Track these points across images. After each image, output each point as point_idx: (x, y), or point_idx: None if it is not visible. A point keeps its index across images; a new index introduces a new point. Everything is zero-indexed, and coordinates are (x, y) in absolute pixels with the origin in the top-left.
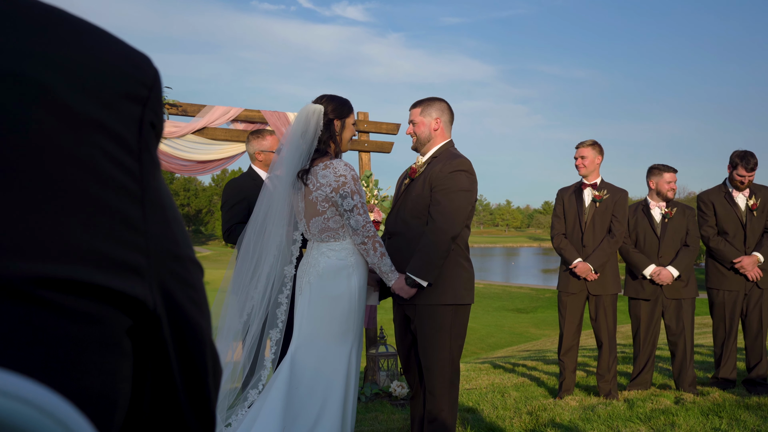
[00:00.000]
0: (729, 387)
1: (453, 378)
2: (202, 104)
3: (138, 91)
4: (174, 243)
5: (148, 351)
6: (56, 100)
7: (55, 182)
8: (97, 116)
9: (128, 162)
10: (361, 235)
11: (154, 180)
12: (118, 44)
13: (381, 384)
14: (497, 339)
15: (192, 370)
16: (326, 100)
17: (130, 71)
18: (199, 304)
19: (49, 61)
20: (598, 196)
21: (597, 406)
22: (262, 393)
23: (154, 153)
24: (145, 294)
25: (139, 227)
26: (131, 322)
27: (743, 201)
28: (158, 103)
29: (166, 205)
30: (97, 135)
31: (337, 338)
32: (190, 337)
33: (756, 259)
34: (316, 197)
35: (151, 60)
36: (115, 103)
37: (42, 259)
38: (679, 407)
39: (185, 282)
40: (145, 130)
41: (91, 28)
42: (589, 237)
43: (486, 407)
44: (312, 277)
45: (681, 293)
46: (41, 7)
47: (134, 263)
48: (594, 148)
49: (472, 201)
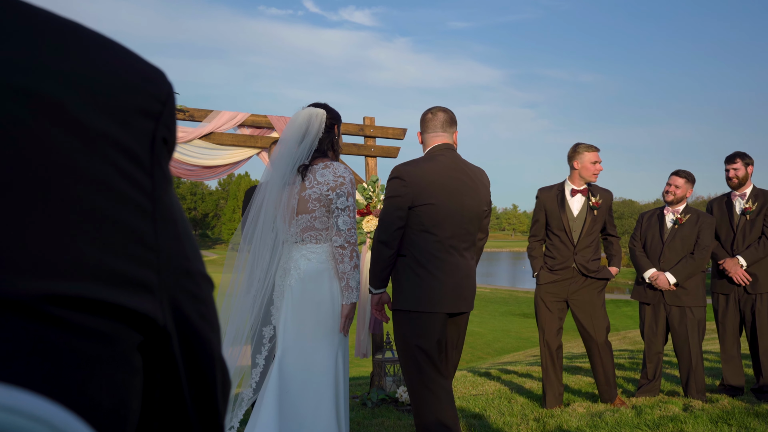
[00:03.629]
0: (737, 394)
1: (413, 384)
2: (210, 109)
3: (151, 106)
4: (185, 258)
5: (158, 366)
6: (69, 115)
7: (66, 199)
8: (109, 132)
9: (140, 178)
10: (344, 238)
11: (166, 195)
12: (132, 58)
13: (387, 389)
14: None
15: (201, 384)
16: (325, 106)
17: (144, 86)
18: (209, 319)
19: (62, 76)
20: (596, 203)
21: (605, 413)
22: (257, 402)
23: (166, 168)
24: (155, 310)
25: (150, 243)
26: (142, 338)
27: (740, 205)
28: (171, 118)
29: (178, 220)
30: (109, 151)
31: (323, 341)
32: (199, 352)
33: (736, 262)
34: (309, 195)
35: (165, 74)
36: (128, 118)
37: (53, 277)
38: (688, 414)
39: (195, 297)
40: (158, 145)
41: (105, 42)
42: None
43: (493, 413)
44: (293, 280)
45: (682, 300)
46: (56, 21)
47: (145, 280)
48: None
49: (401, 206)
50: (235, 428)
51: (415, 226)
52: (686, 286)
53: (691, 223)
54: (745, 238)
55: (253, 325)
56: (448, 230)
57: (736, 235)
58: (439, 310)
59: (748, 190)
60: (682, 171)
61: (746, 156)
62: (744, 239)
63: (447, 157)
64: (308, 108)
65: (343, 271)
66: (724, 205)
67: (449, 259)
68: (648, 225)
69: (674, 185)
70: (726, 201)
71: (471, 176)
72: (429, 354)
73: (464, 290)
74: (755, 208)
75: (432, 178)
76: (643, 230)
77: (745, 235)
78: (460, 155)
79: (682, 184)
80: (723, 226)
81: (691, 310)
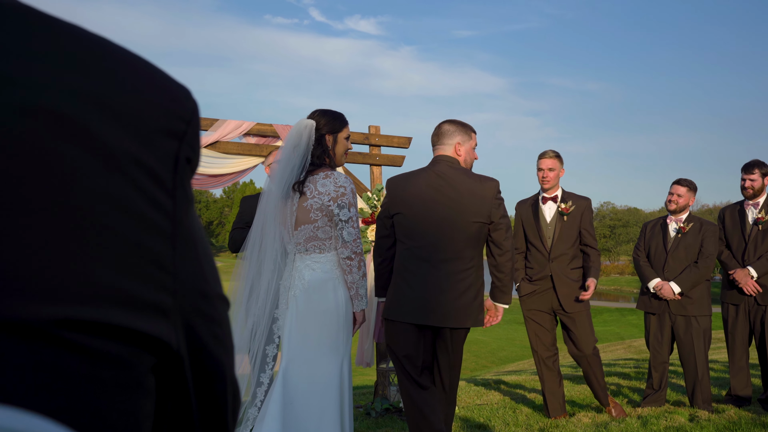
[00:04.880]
0: (744, 404)
1: (400, 388)
2: (215, 118)
3: (176, 126)
4: (203, 280)
5: (169, 387)
6: (90, 135)
7: (84, 220)
8: (132, 152)
9: (161, 199)
10: (350, 249)
11: (187, 216)
12: (158, 76)
13: (391, 399)
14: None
15: (212, 406)
16: (318, 114)
17: (169, 105)
18: (223, 341)
19: (85, 95)
20: (566, 210)
21: (610, 423)
22: (260, 414)
23: (188, 188)
24: (169, 334)
25: (168, 266)
26: (155, 360)
27: (753, 214)
28: (195, 137)
29: (198, 241)
30: (130, 171)
31: (327, 351)
32: (211, 374)
33: (747, 272)
34: (311, 205)
35: (190, 92)
36: (151, 138)
37: (67, 301)
38: (694, 425)
39: (211, 319)
40: (181, 165)
41: (130, 59)
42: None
43: (497, 423)
44: (298, 290)
45: (687, 310)
46: (79, 36)
47: (161, 303)
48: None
49: (382, 216)
50: None
51: (397, 236)
52: (691, 295)
53: (695, 232)
54: (756, 249)
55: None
56: (417, 240)
57: (748, 244)
58: (405, 320)
59: (761, 199)
60: (684, 180)
61: (764, 166)
62: (756, 249)
63: (436, 167)
64: (300, 121)
65: (352, 281)
66: (737, 213)
67: (418, 270)
68: (651, 234)
69: (676, 194)
70: (739, 210)
71: (458, 187)
72: (402, 362)
73: (436, 304)
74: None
75: (411, 188)
76: (647, 240)
77: (756, 246)
78: (455, 166)
79: (684, 192)
80: (735, 236)
81: (696, 319)
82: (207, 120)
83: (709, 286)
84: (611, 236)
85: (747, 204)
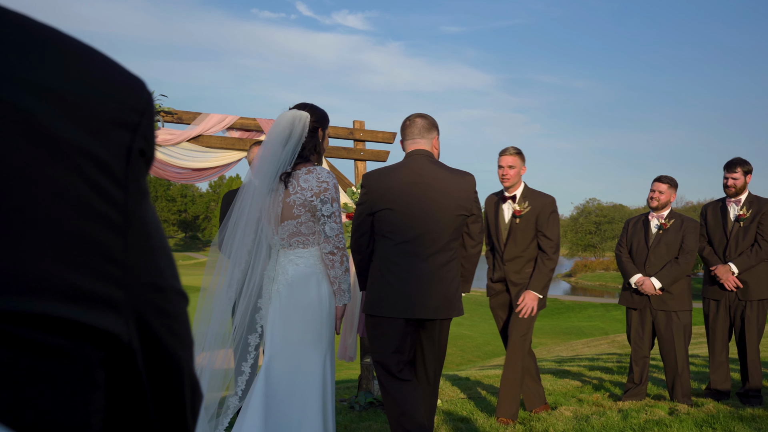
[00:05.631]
0: (723, 398)
1: (380, 383)
2: (199, 112)
3: (128, 117)
4: (157, 274)
5: (123, 381)
6: (37, 125)
7: (30, 212)
8: (82, 144)
9: (113, 191)
10: (332, 244)
11: (140, 208)
12: (110, 67)
13: (375, 393)
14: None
15: (169, 400)
16: (310, 108)
17: (121, 96)
18: (180, 335)
19: (33, 85)
20: (518, 212)
21: (591, 416)
22: (243, 407)
23: (142, 181)
24: (119, 328)
25: (118, 259)
26: (104, 354)
27: (735, 211)
28: (149, 129)
29: (152, 234)
30: (79, 163)
31: (310, 346)
32: (167, 368)
33: (728, 268)
34: (294, 200)
35: (144, 84)
36: (103, 129)
37: (10, 293)
38: (673, 418)
39: (166, 313)
40: (134, 157)
41: (82, 49)
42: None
43: (479, 417)
44: (281, 285)
45: (668, 305)
46: (31, 27)
47: (110, 297)
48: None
49: (361, 212)
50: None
51: (378, 231)
52: (672, 290)
53: (676, 228)
54: (738, 245)
55: (237, 329)
56: (406, 235)
57: (729, 241)
58: (394, 314)
59: (743, 196)
60: (665, 177)
61: (746, 164)
62: (737, 246)
63: (416, 162)
64: (292, 110)
65: (334, 276)
66: (719, 210)
67: (407, 264)
68: (634, 231)
69: (658, 191)
70: (721, 207)
71: (441, 181)
72: (384, 357)
73: (426, 297)
74: (749, 215)
75: (393, 184)
76: (629, 236)
77: (738, 242)
78: (433, 160)
79: (665, 189)
80: (717, 232)
81: (677, 314)
82: (190, 114)
83: (689, 282)
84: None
85: (729, 201)
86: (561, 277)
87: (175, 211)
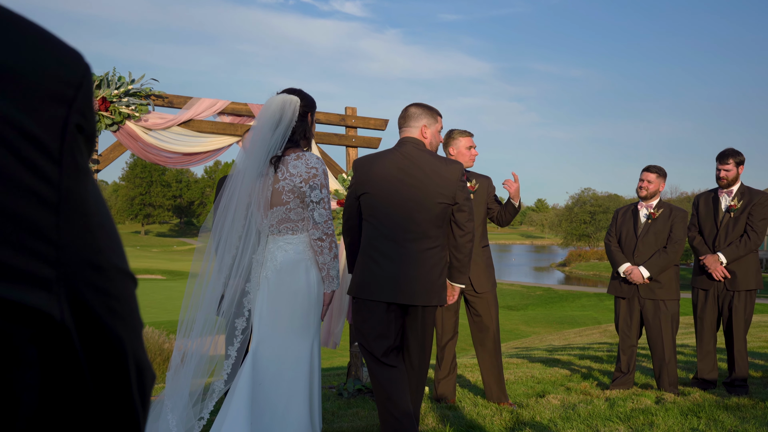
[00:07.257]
0: (709, 387)
1: (370, 366)
2: (190, 96)
3: (63, 91)
4: (96, 252)
5: (60, 358)
6: None
7: None
8: (12, 118)
9: (45, 167)
10: (321, 230)
11: (78, 185)
12: (43, 38)
13: (364, 380)
14: None
15: (111, 379)
16: (299, 93)
17: (55, 69)
18: (121, 315)
19: None
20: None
21: (578, 405)
22: (228, 393)
23: (79, 157)
24: (50, 305)
25: (49, 236)
26: (32, 331)
27: (726, 201)
28: (87, 103)
29: (90, 212)
30: (10, 138)
31: (297, 332)
32: (107, 347)
33: (717, 258)
34: (283, 186)
35: (81, 57)
36: (35, 104)
37: None
38: (659, 407)
39: (105, 293)
40: (70, 133)
41: (16, 21)
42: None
43: (467, 405)
44: (269, 271)
45: (656, 294)
46: None
47: (39, 273)
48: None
49: (349, 196)
50: (205, 419)
51: (363, 216)
52: (660, 279)
53: (664, 218)
54: (727, 235)
55: (224, 314)
56: (385, 220)
57: (719, 231)
58: (374, 297)
59: (735, 187)
60: (653, 166)
61: (738, 155)
62: (727, 236)
63: (403, 149)
64: (281, 95)
65: (323, 262)
66: (711, 200)
67: (386, 249)
68: (623, 220)
69: (647, 180)
70: (713, 197)
71: (424, 169)
72: (368, 341)
73: (405, 282)
74: (740, 206)
75: (377, 169)
76: (618, 225)
77: (728, 232)
78: (421, 147)
79: (654, 179)
80: (708, 222)
81: (665, 303)
82: (181, 98)
83: (677, 271)
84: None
85: (721, 192)
86: (555, 267)
87: (170, 196)
